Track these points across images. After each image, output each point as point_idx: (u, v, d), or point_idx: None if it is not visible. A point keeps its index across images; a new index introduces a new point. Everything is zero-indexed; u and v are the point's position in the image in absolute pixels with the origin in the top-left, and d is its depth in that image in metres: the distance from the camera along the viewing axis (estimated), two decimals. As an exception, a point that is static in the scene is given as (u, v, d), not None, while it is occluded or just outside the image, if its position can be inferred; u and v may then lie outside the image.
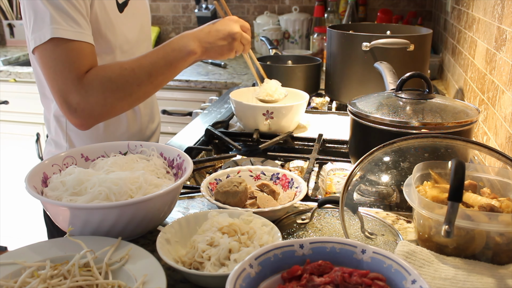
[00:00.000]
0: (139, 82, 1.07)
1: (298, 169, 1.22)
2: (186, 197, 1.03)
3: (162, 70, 1.10)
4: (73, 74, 1.03)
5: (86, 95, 1.03)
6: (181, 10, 3.11)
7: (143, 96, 1.12)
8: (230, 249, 0.72)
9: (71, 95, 1.03)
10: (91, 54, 1.07)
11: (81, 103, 1.03)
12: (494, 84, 1.20)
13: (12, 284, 0.66)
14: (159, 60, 1.09)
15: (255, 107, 1.35)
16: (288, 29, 2.81)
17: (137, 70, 1.07)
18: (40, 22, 1.02)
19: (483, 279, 0.67)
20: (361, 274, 0.58)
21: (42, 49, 1.03)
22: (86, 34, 1.05)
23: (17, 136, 2.63)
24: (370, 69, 1.36)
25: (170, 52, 1.10)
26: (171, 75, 1.13)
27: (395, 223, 0.90)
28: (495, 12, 1.23)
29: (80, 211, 0.78)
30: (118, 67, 1.07)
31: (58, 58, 1.02)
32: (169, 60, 1.10)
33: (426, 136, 0.87)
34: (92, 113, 1.06)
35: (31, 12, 1.03)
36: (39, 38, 1.02)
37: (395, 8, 2.76)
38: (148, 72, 1.08)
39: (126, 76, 1.06)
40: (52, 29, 1.01)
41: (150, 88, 1.11)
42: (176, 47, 1.11)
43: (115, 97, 1.06)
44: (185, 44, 1.12)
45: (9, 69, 2.54)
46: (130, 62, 1.08)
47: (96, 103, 1.04)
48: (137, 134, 1.31)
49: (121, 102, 1.08)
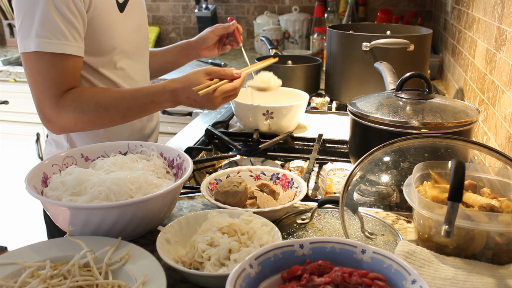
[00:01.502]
0: (111, 119, 1.11)
1: (298, 169, 1.22)
2: (186, 197, 1.03)
3: (136, 114, 1.14)
4: (52, 91, 1.06)
5: (59, 114, 1.08)
6: (181, 10, 3.11)
7: (112, 125, 1.16)
8: (230, 249, 0.72)
9: (46, 108, 1.08)
10: (73, 70, 1.09)
11: (54, 118, 1.08)
12: (494, 84, 1.20)
13: (12, 284, 0.66)
14: (135, 107, 1.11)
15: (255, 107, 1.35)
16: (288, 29, 2.81)
17: (111, 110, 1.10)
18: (26, 29, 1.03)
19: (483, 279, 0.67)
20: (361, 274, 0.58)
21: (26, 57, 1.06)
22: (72, 46, 1.06)
23: (17, 136, 2.63)
24: (370, 69, 1.36)
25: (148, 103, 1.11)
26: (143, 116, 1.20)
27: (395, 223, 0.90)
28: (495, 12, 1.23)
29: (80, 211, 0.78)
30: (94, 102, 1.09)
31: (40, 71, 1.05)
32: (145, 109, 1.13)
33: (426, 136, 0.87)
34: (63, 128, 1.11)
35: (20, 14, 1.04)
36: (23, 46, 1.04)
37: (395, 8, 2.76)
38: (122, 114, 1.11)
39: (100, 112, 1.10)
40: (37, 42, 1.02)
41: (121, 122, 1.15)
42: (155, 100, 1.11)
43: (86, 124, 1.11)
44: (165, 100, 1.11)
45: (9, 69, 2.54)
46: (107, 100, 1.10)
47: (67, 123, 1.09)
48: (137, 132, 1.32)
49: (91, 127, 1.14)
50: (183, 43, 1.47)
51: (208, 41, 1.41)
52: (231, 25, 1.40)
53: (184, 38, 3.10)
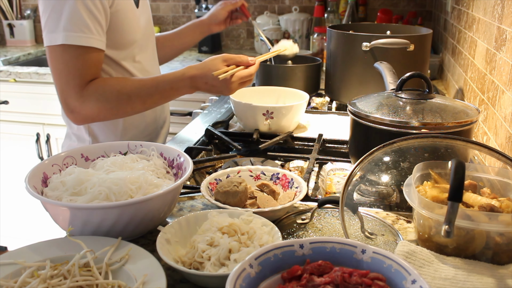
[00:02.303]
0: (132, 107, 1.18)
1: (298, 169, 1.22)
2: (186, 197, 1.03)
3: (156, 101, 1.20)
4: (76, 82, 1.12)
5: (83, 103, 1.13)
6: (181, 10, 3.11)
7: (134, 113, 1.24)
8: (230, 249, 0.72)
9: (70, 98, 1.13)
10: (97, 63, 1.15)
11: (77, 108, 1.14)
12: (494, 84, 1.20)
13: (12, 284, 0.66)
14: (156, 94, 1.18)
15: (255, 107, 1.35)
16: (288, 29, 2.81)
17: (133, 97, 1.16)
18: (53, 23, 1.10)
19: (483, 279, 0.67)
20: (361, 274, 0.58)
21: (52, 50, 1.12)
22: (96, 40, 1.13)
23: (17, 136, 2.63)
24: (370, 69, 1.36)
25: (168, 90, 1.18)
26: (162, 103, 1.27)
27: (395, 223, 0.90)
28: (495, 12, 1.23)
29: (80, 211, 0.78)
30: (116, 90, 1.15)
31: (66, 62, 1.11)
32: (164, 95, 1.19)
33: (426, 136, 0.87)
34: (86, 118, 1.17)
35: (46, 11, 1.11)
36: (49, 39, 1.11)
37: (395, 8, 2.76)
38: (143, 101, 1.18)
39: (122, 100, 1.16)
40: (64, 36, 1.09)
41: (142, 110, 1.23)
42: (175, 87, 1.18)
43: (108, 112, 1.17)
44: (184, 86, 1.18)
45: (9, 69, 2.54)
46: (129, 88, 1.16)
47: (90, 112, 1.15)
48: (152, 123, 1.41)
49: (113, 116, 1.21)
50: (196, 22, 1.59)
51: (219, 17, 1.56)
52: (238, 1, 1.55)
53: (184, 38, 3.10)
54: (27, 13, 3.25)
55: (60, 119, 2.54)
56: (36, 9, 3.27)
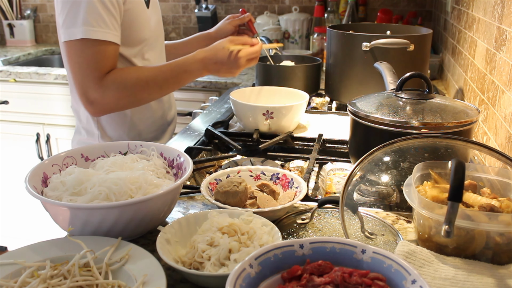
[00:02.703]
0: (150, 92, 1.26)
1: (298, 169, 1.22)
2: (186, 197, 1.03)
3: (171, 86, 1.29)
4: (96, 74, 1.18)
5: (103, 94, 1.19)
6: (181, 10, 3.11)
7: (150, 100, 1.34)
8: (230, 249, 0.72)
9: (90, 90, 1.19)
10: (114, 56, 1.22)
11: (97, 99, 1.20)
12: (494, 84, 1.20)
13: (12, 284, 0.66)
14: (171, 78, 1.27)
15: (255, 107, 1.35)
16: (288, 29, 2.81)
17: (151, 83, 1.24)
18: (72, 19, 1.15)
19: (483, 279, 0.67)
20: (361, 274, 0.58)
21: (71, 44, 1.17)
22: (113, 34, 1.19)
23: (17, 136, 2.63)
24: (370, 69, 1.36)
25: (181, 73, 1.27)
26: (176, 88, 1.33)
27: (395, 223, 0.90)
28: (495, 12, 1.23)
29: (80, 211, 0.78)
30: (135, 77, 1.23)
31: (85, 56, 1.17)
32: (179, 79, 1.28)
33: (426, 136, 0.87)
34: (106, 108, 1.23)
35: (65, 8, 1.16)
36: (69, 34, 1.16)
37: (395, 8, 2.76)
38: (159, 86, 1.26)
39: (140, 86, 1.23)
40: (84, 30, 1.15)
41: (158, 96, 1.32)
42: (188, 70, 1.27)
43: (127, 100, 1.24)
44: (197, 68, 1.28)
45: (9, 69, 2.54)
46: (146, 74, 1.24)
47: (110, 101, 1.21)
48: (159, 119, 1.47)
49: (131, 104, 1.28)
50: (203, 34, 1.64)
51: (226, 31, 1.58)
52: (246, 16, 1.58)
53: (184, 38, 3.10)
54: (27, 13, 3.25)
55: (60, 119, 2.55)
56: (36, 9, 3.27)
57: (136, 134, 1.42)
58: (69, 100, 2.52)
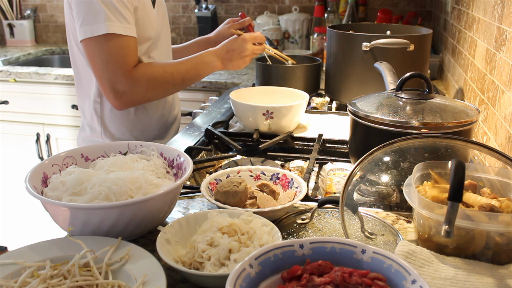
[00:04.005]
0: (174, 84, 1.34)
1: (298, 169, 1.22)
2: (186, 197, 1.03)
3: (192, 77, 1.37)
4: (125, 68, 1.23)
5: (133, 86, 1.25)
6: (181, 10, 3.11)
7: (173, 92, 1.44)
8: (230, 249, 0.72)
9: (120, 84, 1.24)
10: (136, 49, 1.28)
11: (127, 92, 1.25)
12: (494, 84, 1.20)
13: (12, 284, 0.66)
14: (192, 70, 1.36)
15: (255, 107, 1.35)
16: (288, 29, 2.81)
17: (175, 74, 1.33)
18: (91, 17, 1.19)
19: (483, 279, 0.67)
20: (361, 274, 0.58)
21: (94, 41, 1.20)
22: (133, 29, 1.25)
23: (17, 136, 2.63)
24: (370, 69, 1.36)
25: (200, 64, 1.37)
26: (196, 81, 1.41)
27: (395, 223, 0.90)
28: (495, 12, 1.23)
29: (80, 211, 0.78)
30: (161, 69, 1.31)
31: (111, 51, 1.21)
32: (198, 70, 1.37)
33: (426, 136, 0.87)
34: (133, 101, 1.29)
35: (82, 7, 1.19)
36: (90, 31, 1.19)
37: (395, 8, 2.76)
38: (182, 77, 1.34)
39: (167, 78, 1.31)
40: (107, 25, 1.19)
41: (180, 88, 1.39)
42: (206, 61, 1.38)
43: (155, 92, 1.31)
44: (212, 59, 1.39)
45: (9, 69, 2.54)
46: (170, 66, 1.33)
47: (139, 94, 1.28)
48: (162, 118, 1.51)
49: (157, 96, 1.35)
50: (203, 38, 1.69)
51: (226, 35, 1.62)
52: (246, 20, 1.62)
53: (184, 38, 3.11)
54: (27, 13, 3.25)
55: (60, 119, 2.55)
56: (36, 9, 3.27)
57: (138, 132, 1.44)
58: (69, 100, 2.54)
